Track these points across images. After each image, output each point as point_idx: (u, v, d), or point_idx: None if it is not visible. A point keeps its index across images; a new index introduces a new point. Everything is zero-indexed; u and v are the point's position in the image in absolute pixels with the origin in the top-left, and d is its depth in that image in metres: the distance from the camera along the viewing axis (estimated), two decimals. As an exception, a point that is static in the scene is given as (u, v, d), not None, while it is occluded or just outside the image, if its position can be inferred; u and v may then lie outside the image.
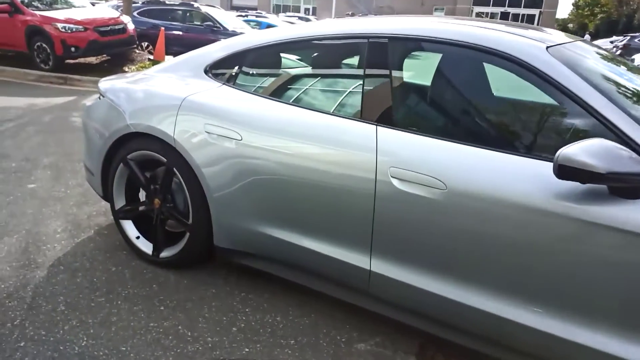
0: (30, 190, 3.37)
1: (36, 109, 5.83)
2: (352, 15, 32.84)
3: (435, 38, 1.85)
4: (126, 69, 8.63)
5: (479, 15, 39.77)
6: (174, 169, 2.27)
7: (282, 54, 2.35)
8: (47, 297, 2.16)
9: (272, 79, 2.31)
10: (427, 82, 2.08)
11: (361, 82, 1.96)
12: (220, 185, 2.13)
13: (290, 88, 2.23)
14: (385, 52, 1.92)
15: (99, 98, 2.66)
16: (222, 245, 2.26)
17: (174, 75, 2.48)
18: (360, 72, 1.99)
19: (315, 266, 2.04)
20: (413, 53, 2.02)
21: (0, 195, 3.25)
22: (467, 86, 1.93)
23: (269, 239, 2.10)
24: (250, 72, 2.33)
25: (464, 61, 1.87)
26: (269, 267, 2.22)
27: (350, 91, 2.05)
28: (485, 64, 1.87)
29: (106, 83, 2.67)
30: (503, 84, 2.03)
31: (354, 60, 2.13)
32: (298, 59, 2.37)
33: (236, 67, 2.33)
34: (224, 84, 2.31)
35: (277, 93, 2.21)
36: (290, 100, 2.11)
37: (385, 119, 1.86)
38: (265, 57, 2.33)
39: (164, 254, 2.44)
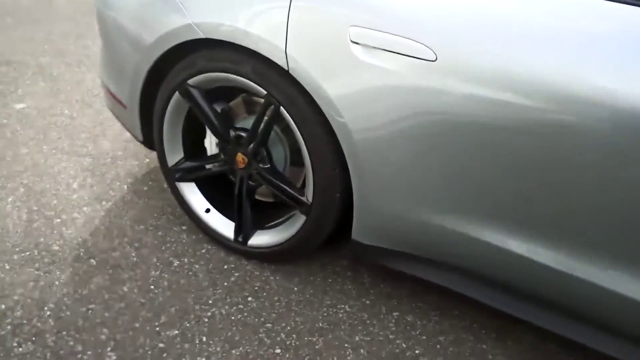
0: (19, 114, 2.33)
1: (8, -12, 4.47)
2: None
3: None
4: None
5: None
6: (283, 109, 1.27)
7: None
8: (87, 330, 1.28)
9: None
10: None
11: None
12: (380, 146, 1.16)
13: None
14: None
15: (122, -28, 1.54)
16: (366, 241, 1.34)
17: None
18: None
19: (557, 296, 1.16)
20: None
21: (-23, 122, 2.23)
22: None
23: (471, 243, 1.18)
24: None
25: None
26: (456, 285, 1.31)
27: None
28: None
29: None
30: None
31: None
32: None
33: None
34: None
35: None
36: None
37: None
38: None
39: (255, 241, 1.52)
